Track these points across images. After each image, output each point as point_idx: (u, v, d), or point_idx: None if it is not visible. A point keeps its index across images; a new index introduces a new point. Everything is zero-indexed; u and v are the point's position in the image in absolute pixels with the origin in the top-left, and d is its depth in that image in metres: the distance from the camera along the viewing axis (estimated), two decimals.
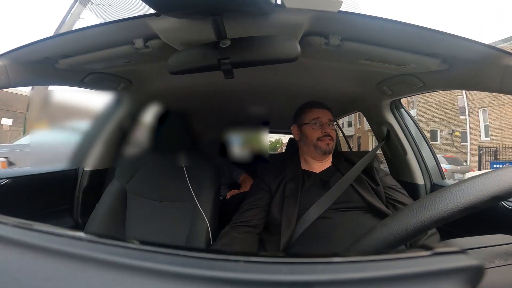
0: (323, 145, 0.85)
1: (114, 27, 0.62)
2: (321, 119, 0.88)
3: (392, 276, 0.16)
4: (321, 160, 0.89)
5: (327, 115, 0.89)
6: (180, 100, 1.27)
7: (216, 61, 0.53)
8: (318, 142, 0.86)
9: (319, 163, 0.89)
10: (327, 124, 0.87)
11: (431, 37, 0.60)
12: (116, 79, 0.96)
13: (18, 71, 0.71)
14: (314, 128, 0.87)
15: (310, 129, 0.88)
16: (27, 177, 0.98)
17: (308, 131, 0.88)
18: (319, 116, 0.88)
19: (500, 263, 0.28)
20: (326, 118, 0.88)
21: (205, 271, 0.16)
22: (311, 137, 0.87)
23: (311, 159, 0.89)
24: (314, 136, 0.87)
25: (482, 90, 0.69)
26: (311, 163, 0.89)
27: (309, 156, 0.90)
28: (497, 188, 0.26)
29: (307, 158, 0.90)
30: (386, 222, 0.30)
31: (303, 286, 0.15)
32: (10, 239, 0.19)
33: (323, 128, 0.87)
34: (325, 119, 0.88)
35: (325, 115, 0.89)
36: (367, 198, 0.76)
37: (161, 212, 0.94)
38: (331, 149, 0.86)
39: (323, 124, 0.87)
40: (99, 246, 0.18)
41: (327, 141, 0.85)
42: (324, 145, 0.85)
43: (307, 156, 0.90)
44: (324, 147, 0.85)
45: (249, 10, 0.51)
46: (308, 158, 0.90)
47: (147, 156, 1.03)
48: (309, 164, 0.89)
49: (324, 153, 0.86)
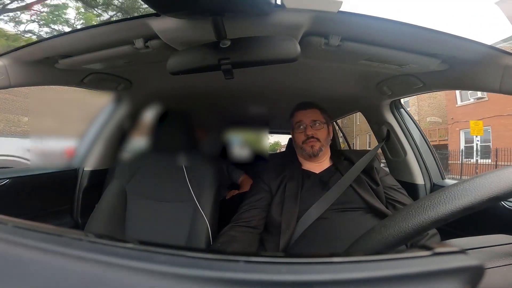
0: (307, 148, 0.86)
1: (114, 27, 0.62)
2: (303, 121, 0.88)
3: (392, 276, 0.16)
4: (314, 161, 0.89)
5: (310, 116, 0.88)
6: (180, 100, 1.27)
7: (216, 61, 0.53)
8: (303, 145, 0.87)
9: (317, 164, 0.89)
10: (311, 125, 0.87)
11: (431, 37, 0.60)
12: (116, 79, 0.96)
13: (18, 71, 0.71)
14: (298, 132, 0.89)
15: (296, 133, 0.90)
16: (27, 177, 0.98)
17: (295, 134, 0.90)
18: (301, 119, 0.88)
19: (500, 263, 0.28)
20: (309, 119, 0.88)
21: (205, 271, 0.16)
22: (297, 141, 0.89)
23: (306, 160, 0.90)
24: (299, 139, 0.88)
25: (482, 90, 0.69)
26: (309, 164, 0.89)
27: (302, 158, 0.91)
28: (496, 189, 0.26)
29: (302, 159, 0.91)
30: (386, 223, 0.30)
31: (303, 286, 0.15)
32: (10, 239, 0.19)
33: (306, 130, 0.87)
34: (308, 121, 0.88)
35: (308, 116, 0.88)
36: (367, 199, 0.76)
37: (161, 212, 0.94)
38: (316, 152, 0.85)
39: (306, 126, 0.87)
40: (99, 246, 0.18)
41: (311, 143, 0.85)
42: (308, 148, 0.86)
43: (301, 157, 0.92)
44: (308, 150, 0.86)
45: (249, 10, 0.51)
46: (303, 159, 0.91)
47: (147, 156, 1.03)
48: (308, 164, 0.89)
49: (309, 156, 0.86)
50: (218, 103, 1.43)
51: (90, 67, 0.82)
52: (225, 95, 1.24)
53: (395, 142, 1.14)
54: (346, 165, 0.87)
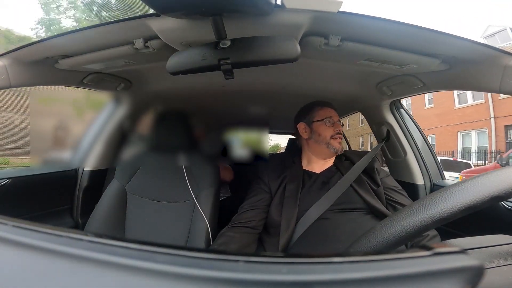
0: (335, 144, 0.85)
1: (114, 27, 0.62)
2: (333, 117, 0.88)
3: (392, 276, 0.16)
4: (327, 159, 0.89)
5: (337, 115, 0.90)
6: (180, 100, 1.27)
7: (216, 61, 0.53)
8: (331, 140, 0.86)
9: (321, 163, 0.88)
10: (338, 123, 0.88)
11: (431, 37, 0.60)
12: (116, 79, 0.96)
13: (18, 71, 0.71)
14: (328, 126, 0.87)
15: (323, 126, 0.87)
16: (27, 177, 0.98)
17: (321, 128, 0.87)
18: (332, 115, 0.89)
19: (500, 263, 0.28)
20: (336, 117, 0.89)
21: (205, 271, 0.16)
22: (324, 134, 0.86)
23: (316, 158, 0.89)
24: (328, 134, 0.86)
25: (482, 90, 0.69)
26: (313, 163, 0.89)
27: (315, 155, 0.89)
28: (498, 188, 0.26)
29: (311, 157, 0.90)
30: (387, 222, 0.30)
31: (303, 286, 0.15)
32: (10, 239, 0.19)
33: (335, 126, 0.87)
34: (336, 119, 0.89)
35: (336, 115, 0.90)
36: (367, 199, 0.76)
37: (161, 212, 0.94)
38: (342, 149, 0.87)
39: (335, 123, 0.88)
40: (99, 246, 0.18)
41: (339, 139, 0.86)
42: (337, 144, 0.86)
43: (314, 154, 0.89)
44: (336, 146, 0.85)
45: (249, 10, 0.51)
46: (312, 157, 0.89)
47: (147, 156, 1.03)
48: (311, 164, 0.89)
49: (336, 151, 0.86)
50: (218, 103, 1.43)
51: (90, 67, 0.82)
52: (225, 95, 1.24)
53: (395, 142, 1.14)
54: (347, 165, 0.87)
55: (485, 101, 8.84)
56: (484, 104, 8.91)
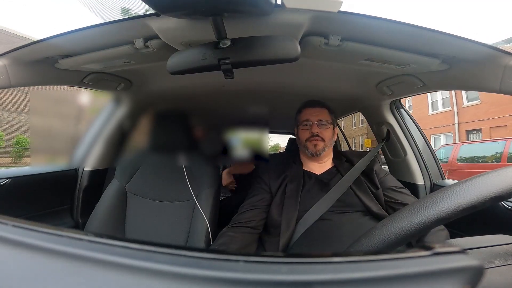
0: (310, 147, 0.85)
1: (114, 27, 0.61)
2: (310, 119, 0.87)
3: (392, 276, 0.16)
4: (316, 161, 0.88)
5: (318, 114, 0.87)
6: (180, 100, 1.27)
7: (216, 61, 0.53)
8: (307, 143, 0.86)
9: (319, 164, 0.89)
10: (317, 124, 0.86)
11: (431, 37, 0.59)
12: (116, 79, 0.96)
13: (18, 71, 0.71)
14: (303, 129, 0.88)
15: (301, 130, 0.89)
16: (27, 177, 0.98)
17: (300, 132, 0.89)
18: (308, 117, 0.88)
19: (500, 263, 0.28)
20: (316, 117, 0.87)
21: (205, 271, 0.16)
22: (301, 137, 0.88)
23: (308, 160, 0.89)
24: (303, 137, 0.87)
25: (482, 90, 0.69)
26: (310, 164, 0.89)
27: (304, 157, 0.90)
28: (499, 188, 0.26)
29: (304, 159, 0.91)
30: (387, 222, 0.30)
31: (303, 286, 0.15)
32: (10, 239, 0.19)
33: (311, 128, 0.86)
34: (315, 119, 0.87)
35: (316, 114, 0.87)
36: (366, 202, 0.76)
37: (161, 212, 0.94)
38: (318, 151, 0.84)
39: (312, 124, 0.86)
40: (99, 246, 0.18)
41: (314, 142, 0.85)
42: (311, 147, 0.85)
43: (303, 157, 0.91)
44: (311, 149, 0.85)
45: (249, 10, 0.51)
46: (305, 159, 0.90)
47: (147, 156, 1.03)
48: (309, 165, 0.89)
49: (312, 154, 0.85)
50: (218, 103, 1.43)
51: (90, 67, 0.82)
52: (225, 95, 1.24)
53: (395, 142, 1.14)
54: (347, 166, 0.86)
55: (451, 108, 9.79)
56: (451, 111, 9.89)
